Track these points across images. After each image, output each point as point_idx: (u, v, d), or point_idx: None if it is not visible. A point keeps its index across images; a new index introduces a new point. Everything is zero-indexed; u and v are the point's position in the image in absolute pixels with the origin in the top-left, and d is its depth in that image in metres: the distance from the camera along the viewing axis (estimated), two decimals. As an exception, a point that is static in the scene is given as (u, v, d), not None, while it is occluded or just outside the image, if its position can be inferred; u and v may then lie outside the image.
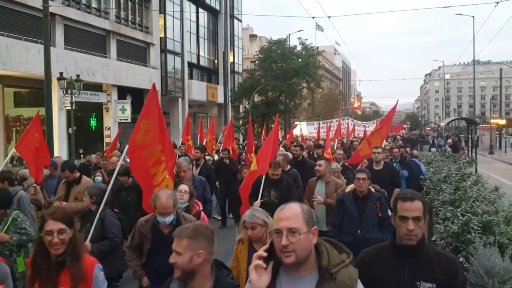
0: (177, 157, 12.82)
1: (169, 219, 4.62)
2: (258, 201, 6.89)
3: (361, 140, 22.34)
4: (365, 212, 5.94)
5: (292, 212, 2.42)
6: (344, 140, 23.82)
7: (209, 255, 2.84)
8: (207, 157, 12.65)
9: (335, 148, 14.99)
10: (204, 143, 16.94)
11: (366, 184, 6.01)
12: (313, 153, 14.42)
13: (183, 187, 5.77)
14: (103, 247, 5.52)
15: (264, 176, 7.28)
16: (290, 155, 10.46)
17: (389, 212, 5.90)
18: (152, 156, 5.96)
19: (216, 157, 14.58)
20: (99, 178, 8.88)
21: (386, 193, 6.92)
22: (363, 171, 6.16)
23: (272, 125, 44.15)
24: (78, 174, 7.72)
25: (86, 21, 27.15)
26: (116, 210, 6.18)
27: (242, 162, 12.82)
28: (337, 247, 2.54)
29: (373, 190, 6.21)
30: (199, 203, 6.23)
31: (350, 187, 6.27)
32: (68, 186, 7.61)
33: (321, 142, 20.56)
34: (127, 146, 5.90)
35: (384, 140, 11.38)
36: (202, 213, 6.02)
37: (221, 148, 15.94)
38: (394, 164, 12.12)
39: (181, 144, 16.50)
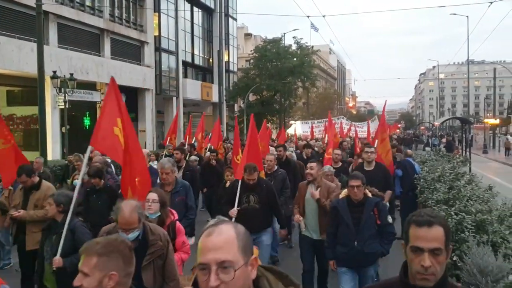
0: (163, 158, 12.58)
1: (132, 235, 3.95)
2: (235, 209, 6.42)
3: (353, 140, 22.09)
4: (361, 220, 5.43)
5: (223, 239, 1.72)
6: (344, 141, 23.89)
7: (124, 278, 2.37)
8: (193, 157, 12.27)
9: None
10: (192, 142, 16.57)
11: (361, 191, 5.49)
12: (301, 153, 13.98)
13: (152, 196, 5.09)
14: (77, 260, 4.91)
15: (240, 181, 6.72)
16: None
17: (389, 219, 6.02)
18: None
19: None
20: (77, 181, 8.35)
21: (384, 196, 6.39)
22: (357, 177, 5.57)
23: (268, 124, 44.26)
24: (37, 179, 7.03)
25: (80, 19, 27.03)
26: (81, 218, 5.70)
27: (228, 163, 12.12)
28: (283, 278, 1.89)
29: (369, 194, 5.67)
30: (174, 212, 5.42)
31: (344, 192, 5.73)
32: (26, 193, 6.90)
33: (311, 141, 20.22)
34: (90, 147, 5.50)
35: (377, 140, 11.09)
36: (178, 224, 5.26)
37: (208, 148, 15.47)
38: None
39: (168, 144, 15.63)
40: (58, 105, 23.62)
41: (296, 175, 9.64)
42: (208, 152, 12.71)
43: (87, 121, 30.59)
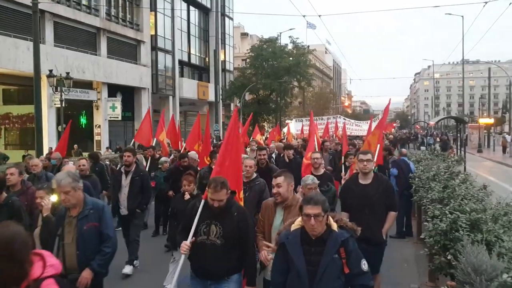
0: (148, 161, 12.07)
1: None
2: (188, 242, 4.41)
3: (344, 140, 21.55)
4: (320, 267, 3.54)
5: None
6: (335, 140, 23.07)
7: None
8: (163, 159, 11.36)
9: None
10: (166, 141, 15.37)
11: (320, 223, 3.56)
12: (282, 155, 11.88)
13: None
14: None
15: (203, 201, 4.62)
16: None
17: (364, 265, 3.68)
18: None
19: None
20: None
21: (358, 231, 3.87)
22: (314, 201, 3.59)
23: (264, 124, 44.21)
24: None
25: (76, 18, 26.98)
26: None
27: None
28: None
29: (335, 227, 3.67)
30: (47, 257, 2.66)
31: (298, 221, 3.76)
32: None
33: (294, 142, 18.73)
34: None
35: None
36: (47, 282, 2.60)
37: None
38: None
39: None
40: (54, 104, 23.59)
41: None
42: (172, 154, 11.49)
43: (83, 120, 30.55)
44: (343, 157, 10.74)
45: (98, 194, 8.07)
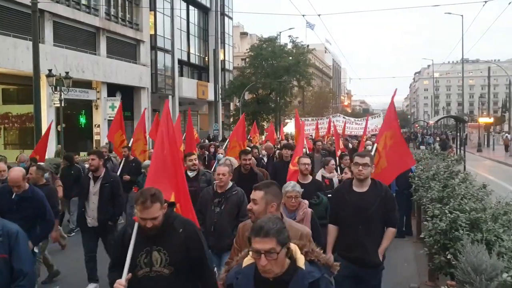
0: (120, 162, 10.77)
1: None
2: (123, 281, 3.30)
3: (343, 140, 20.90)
4: None
5: None
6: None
7: None
8: (146, 163, 9.32)
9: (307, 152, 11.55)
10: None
11: (276, 263, 2.49)
12: (272, 156, 11.93)
13: None
14: None
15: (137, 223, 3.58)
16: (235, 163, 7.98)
17: None
18: None
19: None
20: None
21: (335, 268, 2.74)
22: (264, 230, 2.49)
23: (264, 123, 44.24)
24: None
25: (75, 18, 26.95)
26: None
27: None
28: None
29: (301, 262, 2.57)
30: None
31: (248, 258, 2.68)
32: None
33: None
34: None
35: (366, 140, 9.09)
36: None
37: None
38: None
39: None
40: (54, 104, 23.57)
41: None
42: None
43: (82, 120, 30.55)
44: (337, 159, 10.19)
45: (56, 206, 6.83)
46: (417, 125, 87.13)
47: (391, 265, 7.32)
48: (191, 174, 7.41)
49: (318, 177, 7.89)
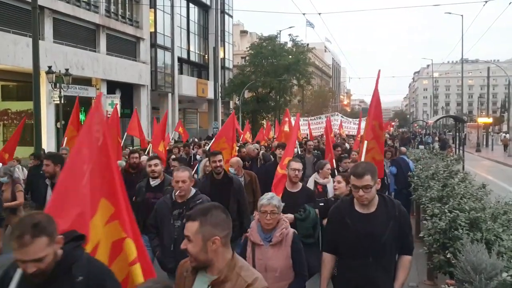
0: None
1: None
2: None
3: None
4: None
5: None
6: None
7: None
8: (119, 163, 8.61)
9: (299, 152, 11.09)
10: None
11: None
12: (255, 158, 10.96)
13: None
14: None
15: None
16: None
17: None
18: None
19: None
20: None
21: None
22: None
23: (262, 122, 44.25)
24: None
25: (75, 15, 26.92)
26: None
27: (171, 169, 7.92)
28: None
29: None
30: None
31: None
32: None
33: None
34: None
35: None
36: None
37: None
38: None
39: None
40: (53, 101, 23.54)
41: (241, 203, 6.23)
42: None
43: (82, 117, 30.42)
44: (334, 161, 9.14)
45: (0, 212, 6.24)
46: (416, 125, 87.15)
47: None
48: (153, 183, 6.18)
49: (311, 183, 7.06)
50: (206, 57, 47.28)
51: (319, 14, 28.12)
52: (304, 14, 36.81)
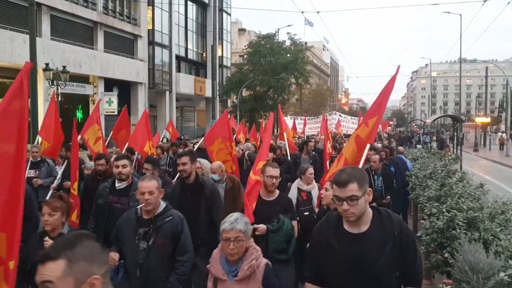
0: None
1: None
2: None
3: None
4: None
5: None
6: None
7: None
8: (88, 164, 8.47)
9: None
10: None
11: None
12: (241, 159, 9.91)
13: None
14: None
15: None
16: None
17: None
18: None
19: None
20: None
21: None
22: None
23: (260, 120, 44.27)
24: None
25: (73, 12, 26.84)
26: None
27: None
28: None
29: None
30: None
31: None
32: None
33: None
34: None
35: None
36: None
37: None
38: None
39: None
40: (50, 98, 23.50)
41: (214, 212, 5.44)
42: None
43: (79, 114, 30.43)
44: (327, 163, 8.69)
45: None
46: (414, 124, 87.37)
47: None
48: (119, 185, 5.54)
49: (294, 189, 6.37)
50: (204, 55, 47.24)
51: (318, 12, 28.15)
52: (302, 12, 36.80)
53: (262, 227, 4.43)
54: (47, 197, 7.10)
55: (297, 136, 20.93)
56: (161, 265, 4.01)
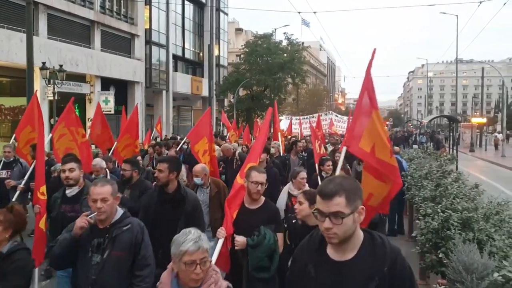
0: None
1: None
2: None
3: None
4: None
5: None
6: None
7: None
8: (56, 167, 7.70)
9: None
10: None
11: None
12: (231, 159, 9.80)
13: None
14: None
15: None
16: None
17: None
18: None
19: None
20: None
21: None
22: None
23: (258, 119, 44.28)
24: None
25: (70, 11, 26.77)
26: None
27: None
28: None
29: None
30: None
31: None
32: None
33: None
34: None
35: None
36: None
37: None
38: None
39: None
40: (47, 97, 23.44)
41: (189, 225, 3.85)
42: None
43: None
44: (316, 165, 7.98)
45: None
46: (410, 124, 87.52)
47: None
48: (69, 192, 4.97)
49: (284, 195, 5.96)
50: (201, 54, 47.20)
51: (315, 13, 28.31)
52: (299, 12, 36.98)
53: (241, 239, 3.87)
54: (13, 199, 6.80)
55: (289, 136, 20.50)
56: (117, 282, 3.45)
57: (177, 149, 11.37)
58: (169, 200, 4.77)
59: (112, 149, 10.35)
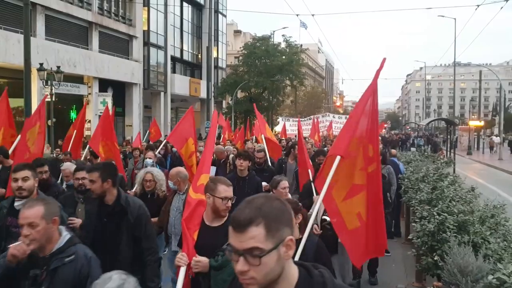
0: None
1: None
2: None
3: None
4: None
5: None
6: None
7: None
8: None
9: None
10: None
11: None
12: (224, 162, 9.40)
13: None
14: None
15: None
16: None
17: None
18: None
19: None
20: None
21: None
22: None
23: (255, 122, 44.29)
24: None
25: (68, 12, 26.76)
26: None
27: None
28: None
29: None
30: None
31: None
32: None
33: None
34: None
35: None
36: None
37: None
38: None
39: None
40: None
41: (140, 242, 4.31)
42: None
43: (73, 115, 30.31)
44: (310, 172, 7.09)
45: None
46: (408, 127, 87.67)
47: (379, 266, 7.36)
48: (18, 204, 4.10)
49: None
50: (199, 56, 47.20)
51: (313, 15, 28.30)
52: (297, 15, 37.03)
53: (203, 261, 3.33)
54: None
55: (283, 139, 19.85)
56: None
57: (157, 152, 10.32)
58: (109, 213, 4.10)
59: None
